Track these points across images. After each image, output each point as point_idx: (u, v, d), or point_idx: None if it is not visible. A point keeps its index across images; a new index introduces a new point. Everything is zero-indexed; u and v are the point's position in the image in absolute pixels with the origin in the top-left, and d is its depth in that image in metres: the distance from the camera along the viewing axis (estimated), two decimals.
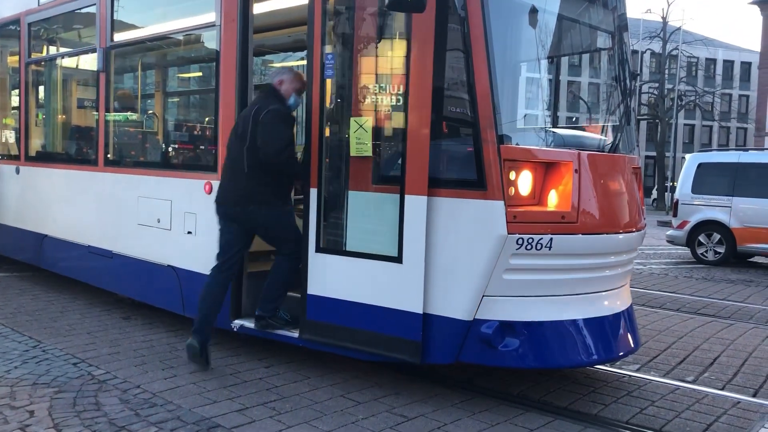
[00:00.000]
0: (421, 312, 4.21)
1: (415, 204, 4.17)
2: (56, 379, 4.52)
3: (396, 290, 4.29)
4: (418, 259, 4.17)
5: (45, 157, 7.82)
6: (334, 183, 4.65)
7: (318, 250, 4.61)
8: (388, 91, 4.40)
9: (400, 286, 4.26)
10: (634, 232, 4.72)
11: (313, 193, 4.62)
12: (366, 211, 4.56)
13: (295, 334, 4.79)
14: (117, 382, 4.49)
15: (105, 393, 4.30)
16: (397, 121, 4.35)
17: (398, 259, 4.25)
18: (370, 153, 4.40)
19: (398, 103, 4.33)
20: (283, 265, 4.83)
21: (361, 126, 4.42)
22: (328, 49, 4.56)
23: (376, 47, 4.50)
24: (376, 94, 4.45)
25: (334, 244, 4.60)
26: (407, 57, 4.23)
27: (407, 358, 4.30)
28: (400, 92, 4.30)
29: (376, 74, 4.57)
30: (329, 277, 4.59)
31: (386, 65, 4.47)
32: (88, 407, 4.05)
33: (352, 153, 4.45)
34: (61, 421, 3.81)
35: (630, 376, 5.12)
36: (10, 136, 8.50)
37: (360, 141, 4.41)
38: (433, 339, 4.24)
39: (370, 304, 4.42)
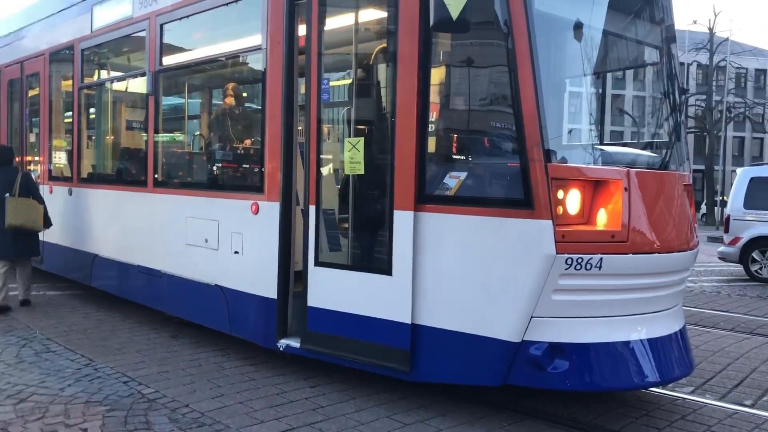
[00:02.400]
0: (409, 322, 4.39)
1: (403, 220, 4.38)
2: (108, 397, 4.61)
3: (388, 301, 4.52)
4: (406, 273, 4.39)
5: (96, 179, 8.04)
6: (332, 200, 5.11)
7: (317, 263, 4.85)
8: (384, 113, 4.69)
9: (391, 297, 4.49)
10: (686, 250, 4.60)
11: (312, 209, 4.82)
12: (362, 227, 4.92)
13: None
14: (166, 401, 4.55)
15: (155, 412, 4.35)
16: (387, 141, 4.60)
17: (389, 272, 4.48)
18: (362, 171, 4.67)
19: (391, 125, 4.52)
20: None
21: (354, 146, 4.65)
22: (324, 73, 4.91)
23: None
24: (375, 116, 4.84)
25: (331, 257, 4.95)
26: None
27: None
28: (393, 113, 4.50)
29: (375, 96, 4.92)
30: (328, 289, 4.84)
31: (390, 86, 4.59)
32: (139, 426, 4.10)
33: (347, 171, 4.76)
34: None
35: (684, 399, 4.96)
36: (63, 159, 8.76)
37: (353, 160, 4.66)
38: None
39: (365, 315, 4.59)
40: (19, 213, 7.36)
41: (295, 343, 5.08)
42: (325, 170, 5.24)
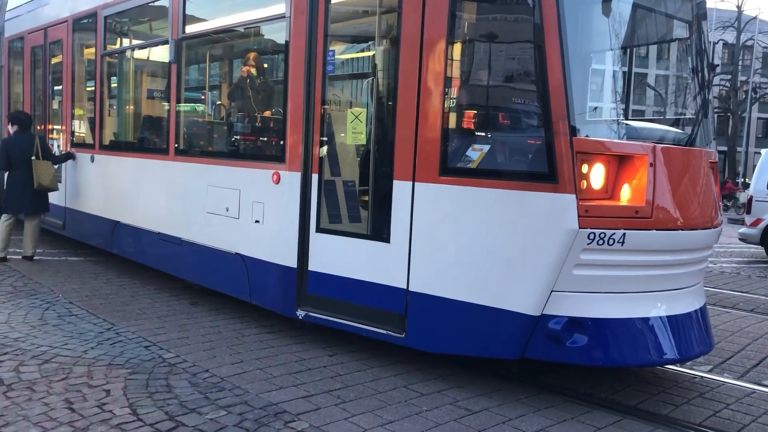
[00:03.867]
0: (404, 288, 4.54)
1: (401, 189, 4.51)
2: (129, 360, 4.68)
3: (384, 267, 4.68)
4: (404, 241, 4.54)
5: (118, 146, 8.09)
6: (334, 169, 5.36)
7: (318, 230, 5.07)
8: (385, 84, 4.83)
9: (386, 264, 4.65)
10: (710, 228, 4.56)
11: (315, 177, 5.07)
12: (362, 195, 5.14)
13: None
14: (186, 366, 4.62)
15: (175, 376, 4.42)
16: (389, 112, 4.73)
17: (387, 239, 4.65)
18: (364, 142, 4.90)
19: (393, 95, 4.65)
20: None
21: (356, 117, 4.82)
22: (329, 46, 5.04)
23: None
24: (377, 87, 4.95)
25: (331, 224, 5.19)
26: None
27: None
28: (395, 85, 4.61)
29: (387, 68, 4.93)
30: (327, 254, 5.04)
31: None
32: (160, 389, 4.17)
33: (349, 141, 4.99)
34: (135, 401, 3.94)
35: (702, 377, 4.96)
36: (85, 126, 8.82)
37: (356, 131, 4.82)
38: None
39: (362, 279, 4.79)
40: (46, 174, 8.20)
41: (313, 312, 5.12)
42: (332, 141, 5.40)
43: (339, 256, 4.99)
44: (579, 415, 4.10)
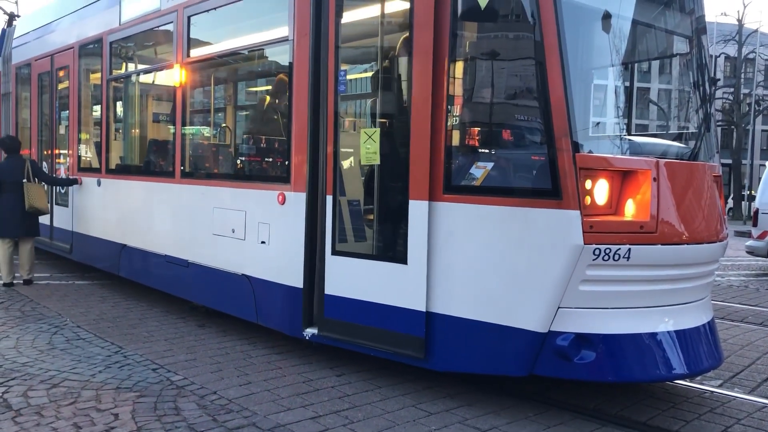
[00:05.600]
0: (424, 310, 4.46)
1: (419, 210, 4.43)
2: (138, 383, 4.68)
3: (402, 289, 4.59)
4: (422, 262, 4.44)
5: (124, 170, 8.16)
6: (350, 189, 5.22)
7: (333, 252, 4.96)
8: (397, 104, 4.80)
9: (406, 286, 4.56)
10: (715, 242, 4.55)
11: (329, 199, 4.97)
12: (377, 216, 4.96)
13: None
14: (194, 388, 4.62)
15: (183, 398, 4.42)
16: (402, 131, 4.67)
17: (404, 261, 4.56)
18: (378, 162, 4.75)
19: (406, 115, 4.62)
20: None
21: (369, 137, 4.72)
22: (341, 65, 4.97)
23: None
24: (389, 107, 4.92)
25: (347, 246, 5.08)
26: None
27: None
28: (408, 104, 4.58)
29: (398, 87, 4.94)
30: (344, 277, 4.93)
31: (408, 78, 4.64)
32: (168, 412, 4.17)
33: (363, 162, 4.85)
34: (144, 425, 3.94)
35: (712, 392, 4.92)
36: (92, 150, 8.89)
37: (369, 151, 4.73)
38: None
39: (381, 303, 4.68)
40: (37, 196, 8.32)
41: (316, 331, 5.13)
42: (345, 162, 5.34)
43: (355, 278, 4.89)
44: (589, 431, 4.08)
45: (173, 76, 6.82)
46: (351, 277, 4.91)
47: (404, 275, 4.57)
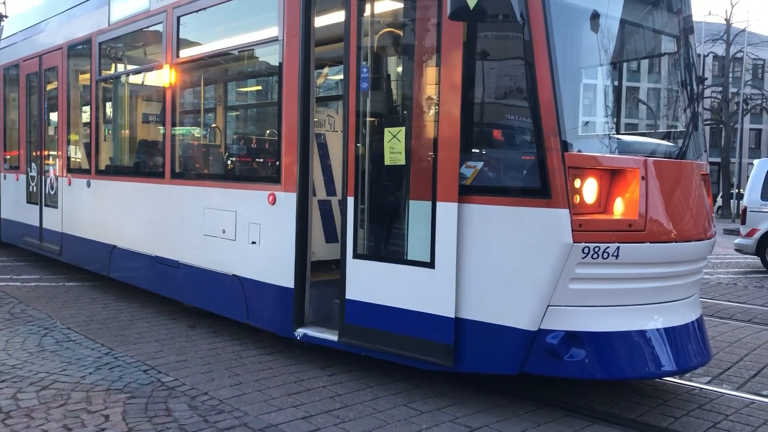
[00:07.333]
0: (453, 316, 4.28)
1: (447, 211, 4.25)
2: (128, 385, 4.67)
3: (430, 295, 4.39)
4: (450, 265, 4.26)
5: (114, 171, 8.12)
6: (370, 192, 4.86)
7: (355, 256, 4.75)
8: (425, 102, 4.51)
9: (433, 290, 4.37)
10: (703, 240, 4.59)
11: (350, 201, 4.75)
12: (401, 219, 4.72)
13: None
14: (185, 389, 4.61)
15: (174, 399, 4.41)
16: (429, 130, 4.46)
17: (431, 265, 4.35)
18: (403, 162, 4.51)
19: (434, 114, 4.41)
20: None
21: (394, 136, 4.53)
22: (363, 62, 4.73)
23: (415, 59, 4.55)
24: (416, 105, 4.56)
25: (370, 249, 4.82)
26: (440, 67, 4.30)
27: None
28: (437, 102, 4.38)
29: (417, 85, 4.67)
30: (366, 282, 4.73)
31: (427, 77, 4.52)
32: (159, 413, 4.16)
33: (387, 162, 4.60)
34: (135, 426, 3.93)
35: (701, 388, 4.96)
36: (81, 151, 8.85)
37: (394, 150, 4.53)
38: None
39: (404, 308, 4.51)
40: None
41: (311, 332, 5.12)
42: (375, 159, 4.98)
43: (378, 283, 4.70)
44: (579, 429, 4.10)
45: (163, 77, 6.80)
46: (374, 282, 4.72)
47: (431, 279, 4.39)
